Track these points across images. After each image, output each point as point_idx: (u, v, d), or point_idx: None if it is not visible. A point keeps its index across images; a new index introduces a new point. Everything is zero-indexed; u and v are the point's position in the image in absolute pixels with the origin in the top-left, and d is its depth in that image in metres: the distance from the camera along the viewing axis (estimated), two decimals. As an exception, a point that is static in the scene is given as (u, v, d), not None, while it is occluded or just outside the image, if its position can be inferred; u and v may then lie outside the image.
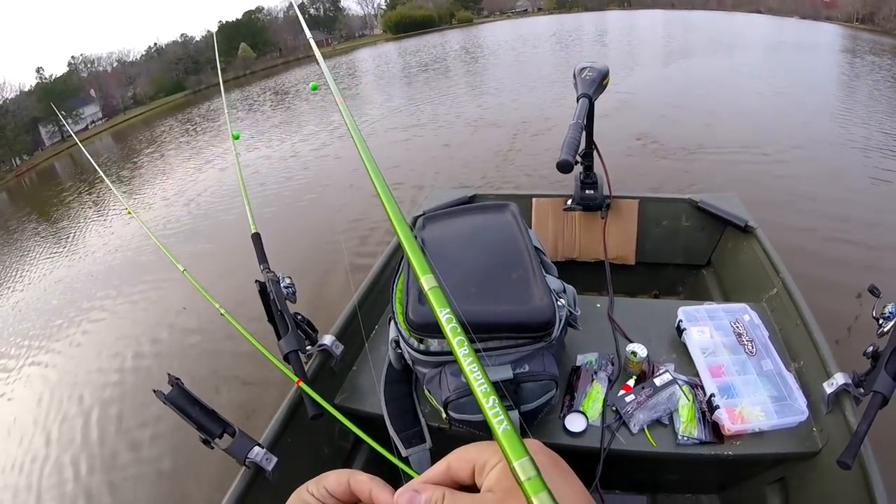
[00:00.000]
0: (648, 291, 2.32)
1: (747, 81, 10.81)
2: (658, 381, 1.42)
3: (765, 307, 1.73)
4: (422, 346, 1.24)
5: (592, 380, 1.48)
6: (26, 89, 49.51)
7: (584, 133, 1.69)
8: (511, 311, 1.18)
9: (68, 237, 8.73)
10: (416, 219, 1.95)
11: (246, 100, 21.84)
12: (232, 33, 65.66)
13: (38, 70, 54.56)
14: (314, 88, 1.64)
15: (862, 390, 1.20)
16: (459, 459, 0.36)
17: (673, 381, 1.42)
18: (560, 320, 1.25)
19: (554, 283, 1.32)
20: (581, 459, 1.33)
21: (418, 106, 11.93)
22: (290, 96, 19.48)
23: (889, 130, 6.59)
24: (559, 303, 1.27)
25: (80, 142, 2.94)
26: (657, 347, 1.59)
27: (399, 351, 1.36)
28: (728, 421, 1.31)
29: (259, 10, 73.10)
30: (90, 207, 10.61)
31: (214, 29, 70.29)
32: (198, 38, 68.20)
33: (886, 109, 7.87)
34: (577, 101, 1.63)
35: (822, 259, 3.46)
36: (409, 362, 1.33)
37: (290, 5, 76.12)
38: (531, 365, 1.20)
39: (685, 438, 1.32)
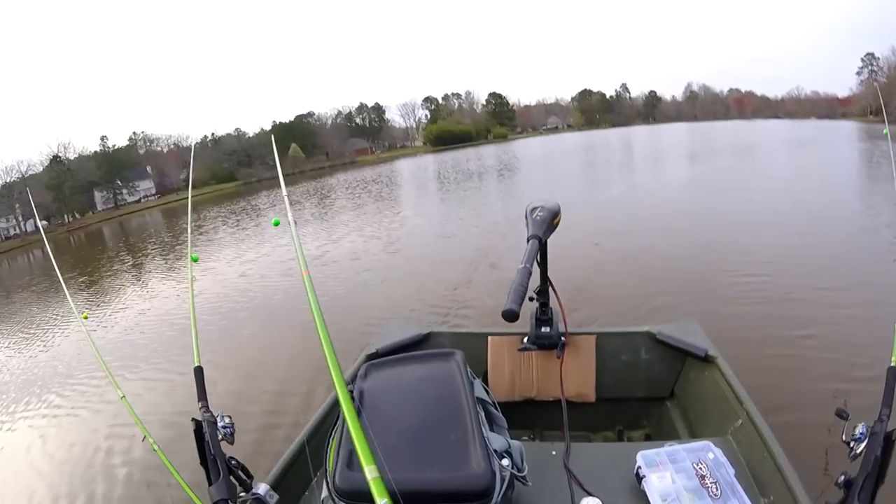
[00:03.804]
0: (612, 427, 2.25)
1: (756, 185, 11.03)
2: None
3: (731, 440, 1.66)
4: None
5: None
6: (88, 153, 54.03)
7: (539, 270, 1.73)
8: (446, 479, 1.15)
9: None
10: (368, 356, 2.01)
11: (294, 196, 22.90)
12: (284, 133, 70.35)
13: (103, 138, 59.63)
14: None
15: None
16: None
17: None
18: (503, 481, 1.20)
19: (497, 441, 1.28)
20: None
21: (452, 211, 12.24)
22: (328, 199, 20.28)
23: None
24: (503, 462, 1.23)
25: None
26: (615, 497, 1.50)
27: None
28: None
29: (310, 114, 79.22)
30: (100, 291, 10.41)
31: (268, 127, 76.09)
32: (251, 135, 73.96)
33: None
34: (528, 241, 1.62)
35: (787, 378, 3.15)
36: None
37: (339, 113, 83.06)
38: None
39: None
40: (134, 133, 65.13)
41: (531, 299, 1.54)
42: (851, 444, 1.12)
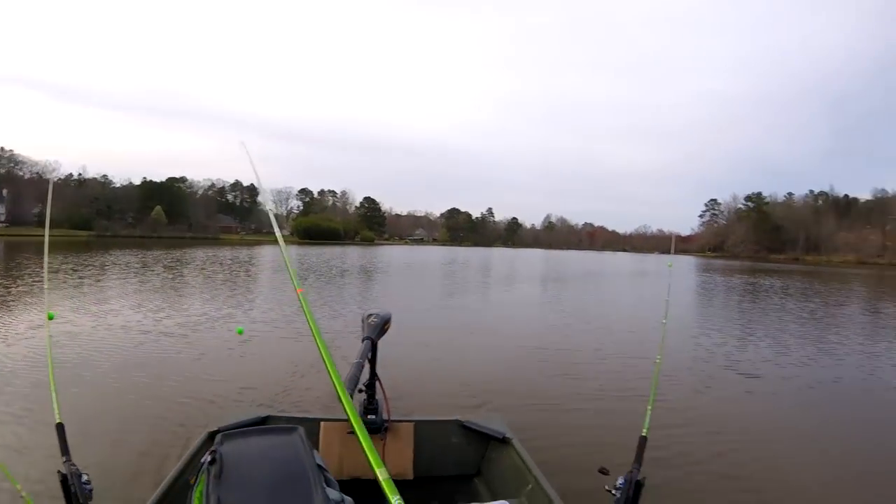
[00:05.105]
0: (428, 502, 2.49)
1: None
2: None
3: (524, 501, 2.08)
4: None
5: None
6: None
7: (370, 367, 2.15)
8: None
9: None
10: (211, 434, 2.18)
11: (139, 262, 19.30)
12: (151, 193, 66.64)
13: (-36, 142, 49.13)
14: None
15: None
16: None
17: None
18: None
19: (333, 494, 1.48)
20: None
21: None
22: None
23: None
24: None
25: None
26: None
27: None
28: None
29: (182, 179, 75.40)
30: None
31: (138, 181, 69.86)
32: (117, 184, 68.80)
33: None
34: (362, 342, 1.95)
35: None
36: None
37: (212, 185, 78.73)
38: None
39: None
40: (2, 148, 57.61)
41: (360, 391, 1.87)
42: (613, 492, 1.53)
